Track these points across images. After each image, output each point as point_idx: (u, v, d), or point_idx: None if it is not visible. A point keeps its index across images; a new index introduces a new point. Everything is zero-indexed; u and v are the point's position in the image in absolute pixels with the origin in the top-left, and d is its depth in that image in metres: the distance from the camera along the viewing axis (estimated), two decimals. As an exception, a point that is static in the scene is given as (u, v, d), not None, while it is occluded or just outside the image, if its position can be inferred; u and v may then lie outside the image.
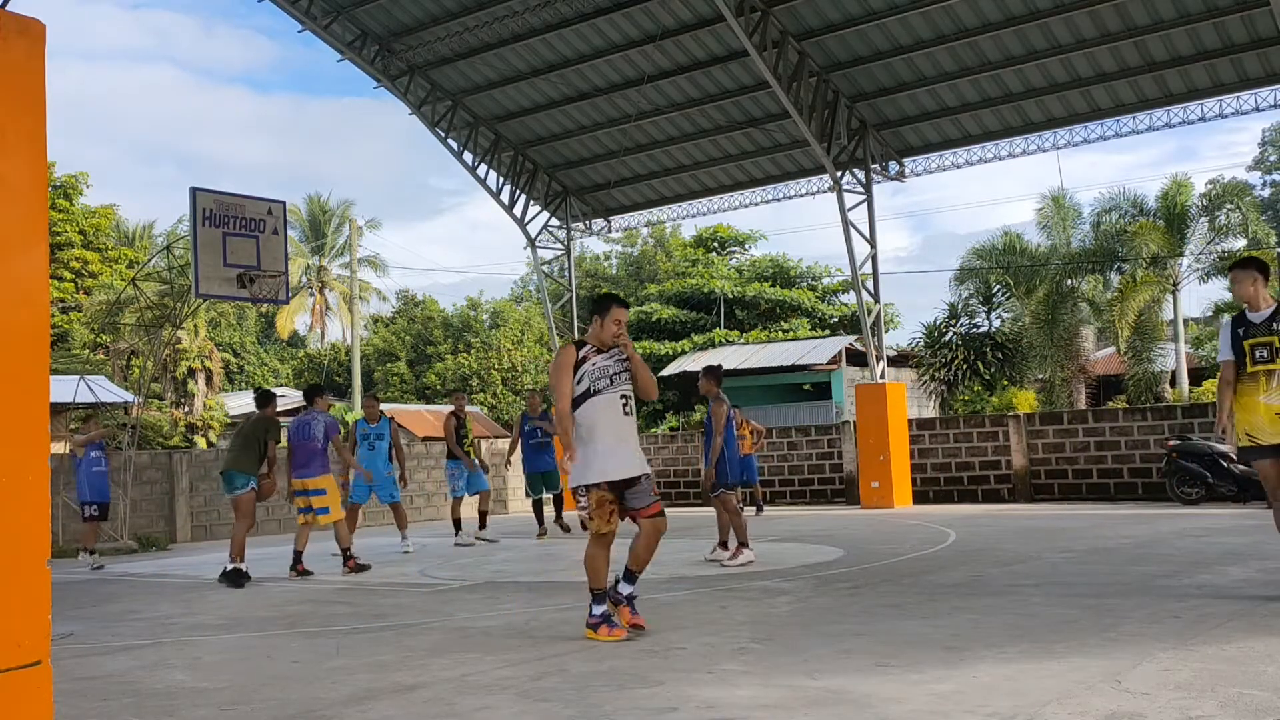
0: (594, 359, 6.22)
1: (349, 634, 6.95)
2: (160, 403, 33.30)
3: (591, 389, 6.17)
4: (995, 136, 19.44)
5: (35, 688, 2.55)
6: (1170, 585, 7.37)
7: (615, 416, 6.18)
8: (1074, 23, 16.86)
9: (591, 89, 20.66)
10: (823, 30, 17.97)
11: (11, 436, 2.55)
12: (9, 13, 2.67)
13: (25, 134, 2.64)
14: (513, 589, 9.00)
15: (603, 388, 6.17)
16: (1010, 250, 28.14)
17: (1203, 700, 4.17)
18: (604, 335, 6.25)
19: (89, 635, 7.42)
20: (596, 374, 6.18)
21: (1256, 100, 17.44)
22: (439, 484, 21.72)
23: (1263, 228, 28.90)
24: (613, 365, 6.23)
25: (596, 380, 6.18)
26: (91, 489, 13.70)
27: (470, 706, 4.67)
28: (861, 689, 4.64)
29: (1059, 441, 17.87)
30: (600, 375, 6.19)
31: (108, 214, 38.62)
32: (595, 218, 24.07)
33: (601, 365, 6.22)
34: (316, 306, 49.09)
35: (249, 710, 4.83)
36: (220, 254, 14.93)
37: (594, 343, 6.29)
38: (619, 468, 6.15)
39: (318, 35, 20.05)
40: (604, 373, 6.20)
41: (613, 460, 6.12)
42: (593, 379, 6.17)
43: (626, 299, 6.68)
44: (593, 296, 6.73)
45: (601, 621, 6.17)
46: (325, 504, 10.76)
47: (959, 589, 7.69)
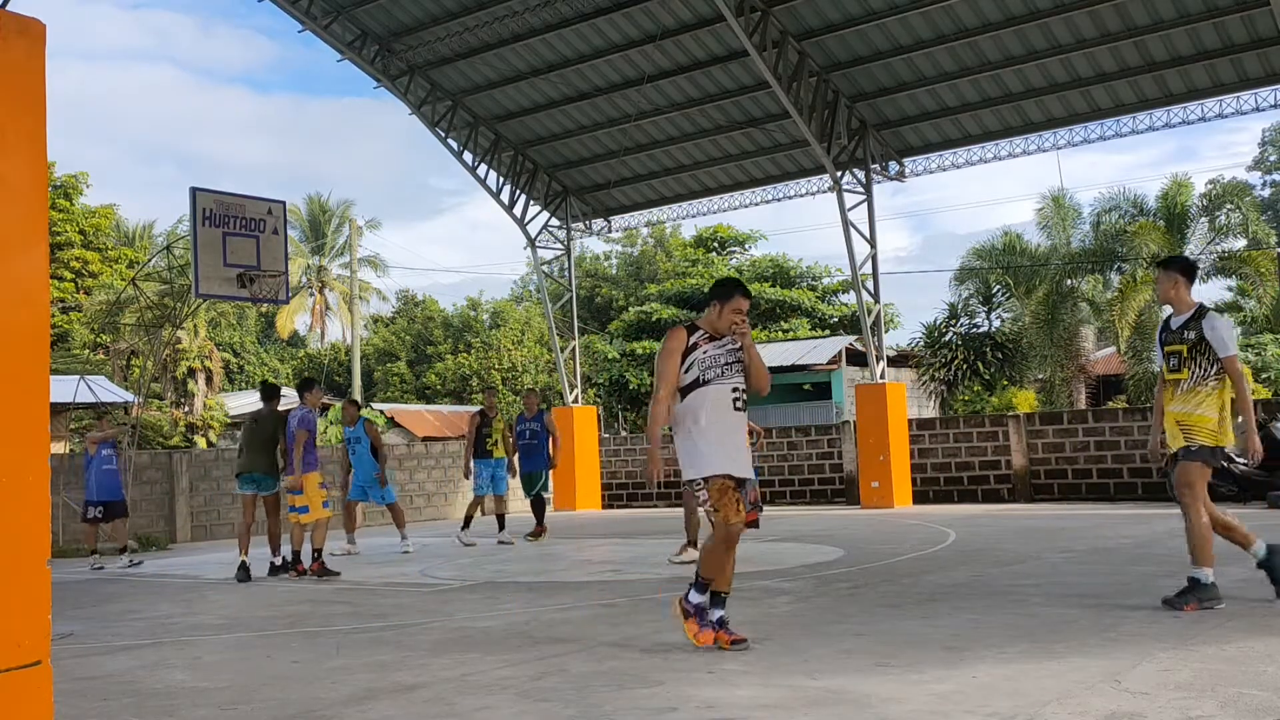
0: (705, 347, 5.80)
1: (349, 634, 6.95)
2: (160, 403, 33.31)
3: (701, 378, 5.76)
4: (995, 136, 19.44)
5: (35, 688, 2.55)
6: (1170, 585, 7.36)
7: (725, 410, 5.77)
8: (1074, 23, 16.85)
9: (591, 89, 20.66)
10: (823, 30, 17.97)
11: (11, 436, 2.55)
12: (9, 13, 2.67)
13: (25, 134, 2.64)
14: (513, 589, 9.00)
15: (713, 378, 5.76)
16: (1010, 250, 28.14)
17: (1203, 700, 4.17)
18: (721, 323, 5.82)
19: (89, 635, 7.42)
20: (708, 363, 5.78)
21: (1256, 100, 17.43)
22: (439, 484, 21.74)
23: (1263, 228, 28.89)
24: (724, 355, 5.81)
25: (707, 370, 5.77)
26: (100, 488, 13.61)
27: (470, 706, 4.67)
28: (861, 689, 4.64)
29: (1059, 441, 17.86)
30: (711, 365, 5.78)
31: (108, 214, 38.63)
32: (595, 218, 24.07)
33: (713, 354, 5.80)
34: (316, 306, 49.10)
35: (249, 710, 4.83)
36: (220, 254, 14.92)
37: (707, 329, 5.86)
38: (733, 464, 5.72)
39: (318, 35, 20.05)
40: (715, 362, 5.79)
41: (725, 454, 5.70)
42: (703, 368, 5.77)
43: (748, 287, 6.09)
44: (715, 280, 6.66)
45: (695, 613, 5.75)
46: (303, 503, 10.68)
47: (959, 589, 7.69)
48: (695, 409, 5.74)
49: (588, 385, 33.69)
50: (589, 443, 22.75)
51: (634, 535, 14.58)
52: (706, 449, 5.68)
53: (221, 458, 19.19)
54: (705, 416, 5.71)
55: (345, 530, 13.71)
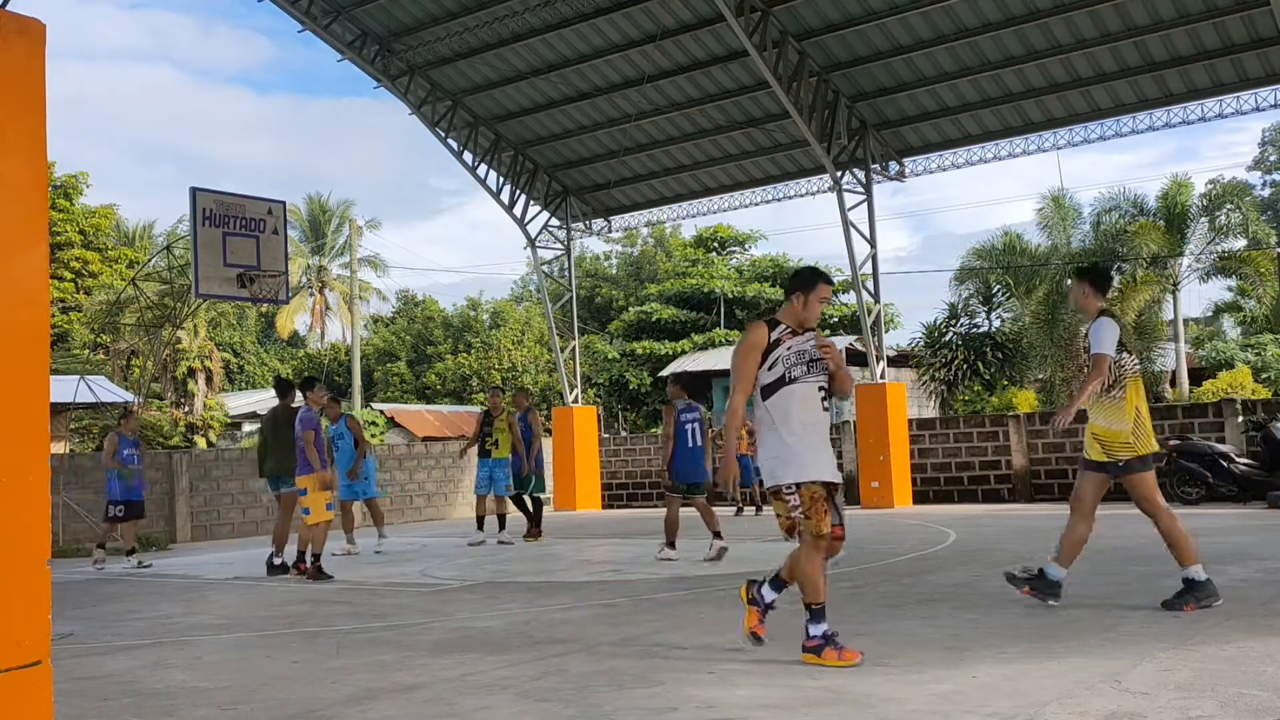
0: (790, 341, 5.35)
1: (349, 634, 6.95)
2: (160, 403, 33.31)
3: (787, 376, 5.30)
4: (995, 136, 19.44)
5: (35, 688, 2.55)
6: (1170, 585, 7.36)
7: (814, 409, 5.33)
8: (1074, 23, 16.85)
9: (591, 89, 20.66)
10: (823, 30, 17.97)
11: (11, 436, 2.55)
12: (9, 13, 2.67)
13: (25, 134, 2.64)
14: (513, 589, 9.00)
15: (800, 375, 5.30)
16: (1010, 250, 28.13)
17: (1203, 700, 4.17)
18: (806, 315, 5.41)
19: (89, 635, 7.42)
20: (793, 359, 5.31)
21: (1256, 100, 17.43)
22: (439, 484, 21.75)
23: (1263, 228, 28.90)
24: (810, 350, 5.37)
25: (794, 366, 5.31)
26: (122, 487, 13.45)
27: (470, 706, 4.67)
28: (861, 689, 4.64)
29: (1059, 441, 17.86)
30: (798, 361, 5.31)
31: (108, 214, 38.63)
32: (595, 218, 24.07)
33: (799, 349, 5.35)
34: (316, 306, 49.10)
35: (249, 710, 4.83)
36: (220, 254, 14.93)
37: (789, 323, 5.41)
38: (825, 469, 5.29)
39: (318, 35, 20.05)
40: (801, 358, 5.33)
41: (817, 458, 5.27)
42: (788, 364, 5.30)
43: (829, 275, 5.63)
44: (795, 271, 5.78)
45: (825, 644, 5.21)
46: (305, 504, 10.62)
47: (959, 589, 7.69)
48: (785, 408, 5.29)
49: (588, 385, 33.69)
50: (589, 443, 22.74)
51: (634, 535, 14.58)
52: (800, 452, 5.25)
53: (221, 458, 19.19)
54: (797, 416, 5.28)
55: (344, 530, 13.70)
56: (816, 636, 5.24)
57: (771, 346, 5.33)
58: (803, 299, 5.43)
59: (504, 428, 13.83)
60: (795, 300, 5.45)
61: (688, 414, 10.91)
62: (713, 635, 6.17)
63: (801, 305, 5.43)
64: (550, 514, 21.13)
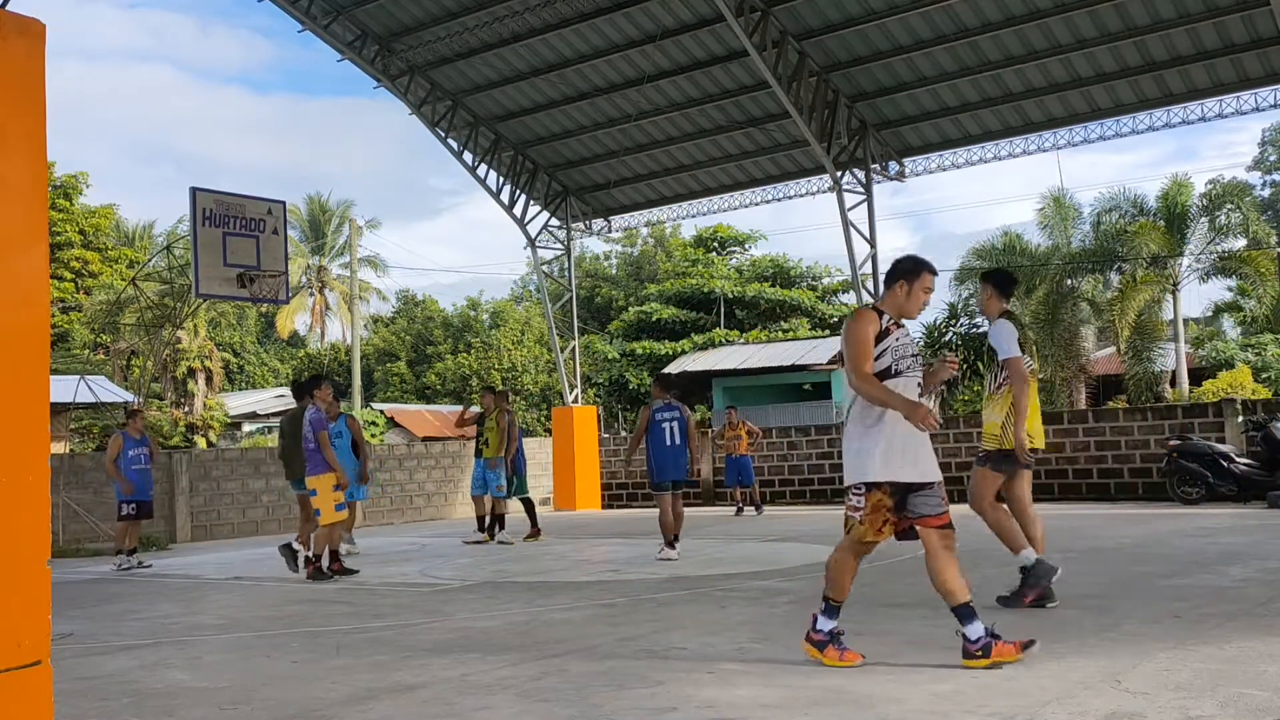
0: (896, 333, 5.18)
1: (349, 634, 6.95)
2: (160, 403, 33.32)
3: (894, 368, 5.10)
4: (995, 136, 19.44)
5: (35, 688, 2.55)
6: (1170, 585, 7.37)
7: None
8: (1074, 23, 16.86)
9: (591, 89, 20.66)
10: (823, 30, 17.97)
11: (11, 436, 2.55)
12: (9, 13, 2.67)
13: (25, 134, 2.64)
14: (513, 589, 9.00)
15: (904, 369, 5.13)
16: (1010, 250, 28.14)
17: (1203, 700, 4.17)
18: (909, 305, 5.23)
19: (89, 635, 7.41)
20: (900, 351, 5.14)
21: (1256, 100, 17.44)
22: (439, 484, 21.75)
23: (1263, 228, 28.90)
24: (911, 345, 5.23)
25: (900, 359, 5.13)
26: (132, 486, 13.43)
27: (470, 706, 4.67)
28: (861, 689, 4.64)
29: (1059, 441, 17.85)
30: (903, 354, 5.14)
31: (108, 214, 38.64)
32: (595, 218, 24.07)
33: (904, 342, 5.18)
34: (316, 306, 49.12)
35: (249, 710, 4.83)
36: (220, 254, 14.92)
37: (893, 314, 5.23)
38: (913, 470, 5.08)
39: (318, 35, 20.05)
40: (905, 351, 5.16)
41: (905, 458, 5.07)
42: (896, 356, 5.11)
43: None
44: (897, 259, 5.43)
45: (829, 640, 5.17)
46: (316, 505, 10.61)
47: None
48: None
49: (588, 385, 33.69)
50: (589, 443, 22.74)
51: (634, 535, 14.57)
52: (885, 454, 5.04)
53: (221, 458, 19.19)
54: (893, 411, 5.04)
55: (344, 529, 13.65)
56: (822, 632, 5.19)
57: (882, 335, 5.13)
58: (906, 288, 5.24)
59: (494, 427, 13.91)
60: (899, 289, 5.25)
61: (665, 413, 11.10)
62: (713, 635, 6.17)
63: (905, 294, 5.24)
64: (550, 514, 21.13)
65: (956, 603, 5.01)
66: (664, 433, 10.99)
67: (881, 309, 5.25)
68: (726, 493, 20.03)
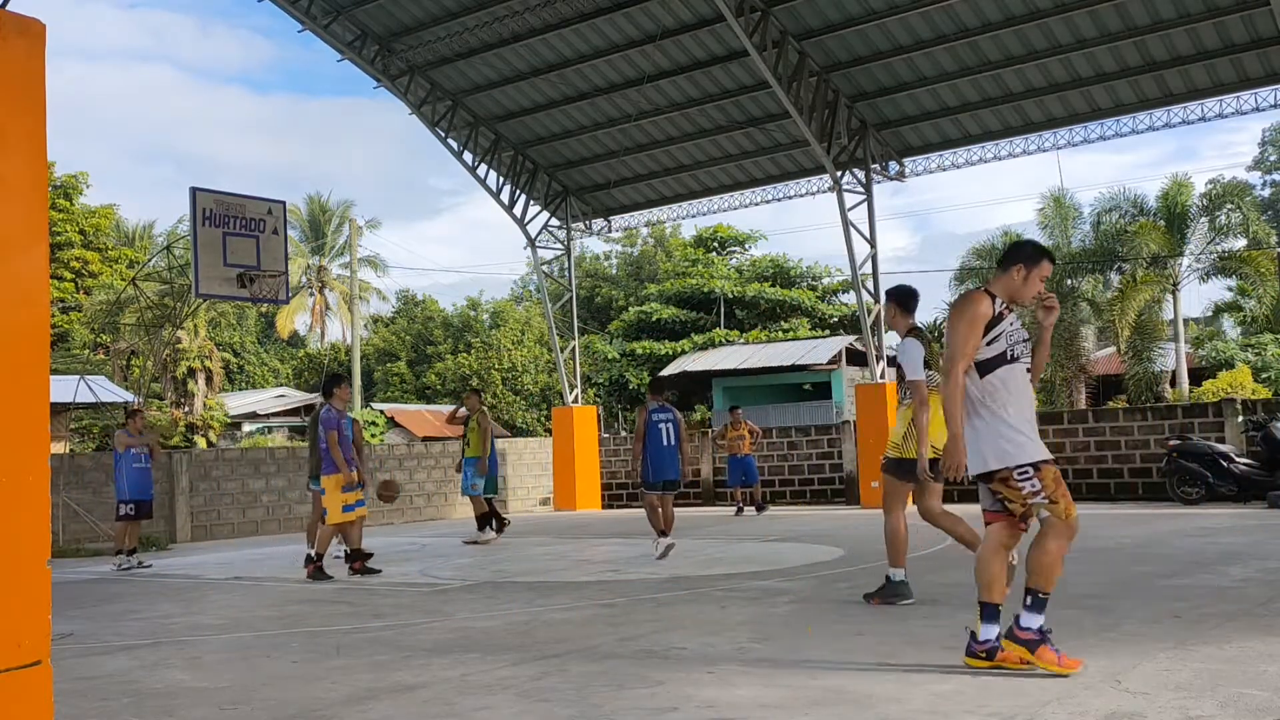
0: (1010, 317, 5.09)
1: (349, 634, 6.95)
2: (160, 403, 33.32)
3: (1009, 353, 5.02)
4: (995, 136, 19.43)
5: (35, 688, 2.55)
6: (1170, 585, 7.37)
7: (1029, 390, 5.10)
8: (1074, 23, 16.85)
9: (591, 89, 20.66)
10: (823, 30, 17.97)
11: (11, 436, 2.55)
12: (9, 13, 2.66)
13: (25, 134, 2.64)
14: (513, 589, 9.00)
15: (1019, 354, 5.06)
16: (1010, 250, 28.12)
17: (1203, 700, 4.17)
18: (1024, 291, 5.09)
19: (89, 635, 7.42)
20: (1014, 336, 5.06)
21: (1256, 100, 17.43)
22: (439, 484, 21.76)
23: (1263, 228, 28.91)
24: (1022, 330, 5.14)
25: (1014, 344, 5.05)
26: (131, 486, 13.30)
27: (470, 706, 4.67)
28: (861, 689, 4.64)
29: (1059, 441, 17.86)
30: (1017, 339, 5.07)
31: (108, 214, 38.64)
32: (595, 218, 24.07)
33: (1016, 326, 5.09)
34: (316, 306, 49.12)
35: (249, 710, 4.83)
36: (220, 254, 14.92)
37: (1004, 298, 5.10)
38: (1045, 450, 5.03)
39: (318, 35, 20.05)
40: (1018, 335, 5.08)
41: (1038, 440, 5.03)
42: (1010, 342, 5.03)
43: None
44: (1011, 245, 5.51)
45: (1042, 640, 4.81)
46: (325, 504, 10.62)
47: (959, 589, 7.68)
48: (1007, 385, 4.99)
49: (588, 385, 33.69)
50: (589, 443, 22.74)
51: (634, 535, 14.58)
52: (1025, 433, 4.95)
53: (221, 458, 19.19)
54: (1018, 398, 4.99)
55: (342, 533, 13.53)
56: (1031, 630, 4.83)
57: (995, 320, 5.02)
58: (1024, 273, 5.09)
59: (474, 427, 14.17)
60: (1015, 273, 5.10)
61: (660, 414, 11.21)
62: (713, 635, 6.17)
63: (1021, 280, 5.09)
64: (550, 514, 21.14)
65: (1042, 589, 4.88)
66: (660, 434, 11.11)
67: (993, 292, 5.11)
68: (726, 493, 20.03)
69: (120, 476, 13.40)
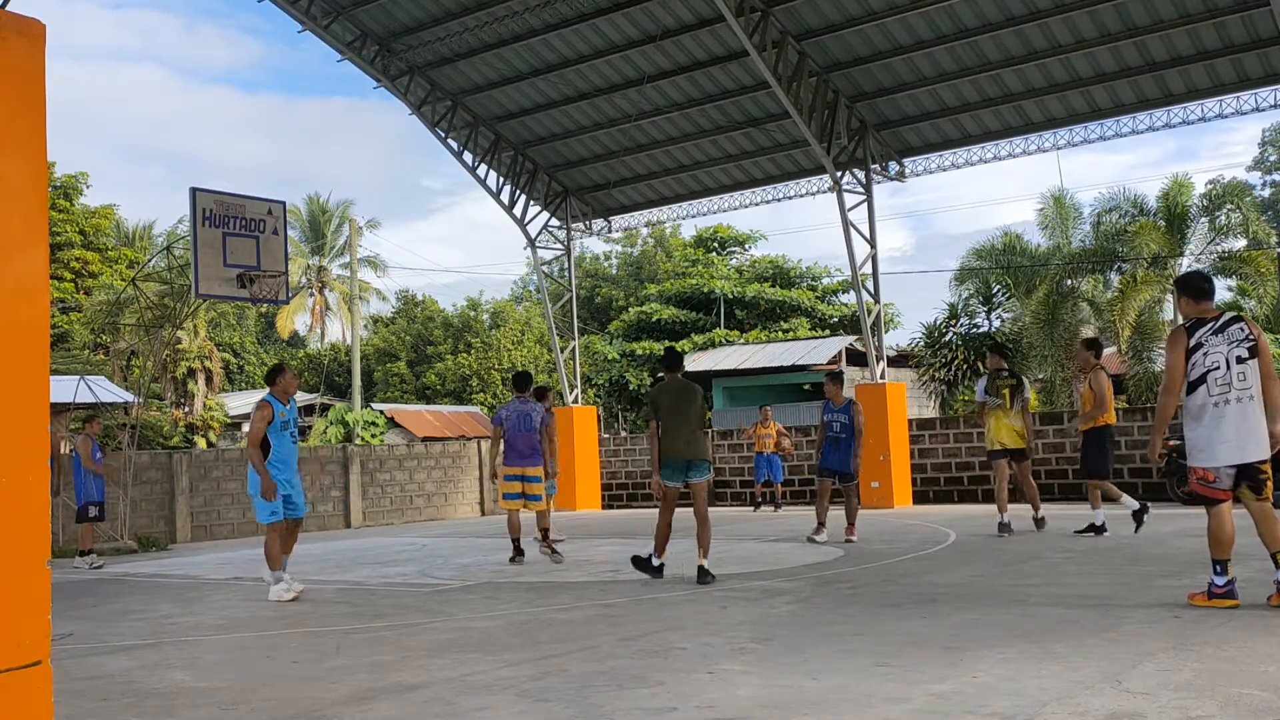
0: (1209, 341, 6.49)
1: (349, 634, 6.95)
2: (160, 403, 33.32)
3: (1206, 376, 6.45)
4: (995, 136, 19.43)
5: (35, 688, 2.54)
6: (1170, 585, 7.37)
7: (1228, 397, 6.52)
8: (1074, 23, 16.85)
9: (591, 89, 20.66)
10: (823, 30, 17.97)
11: (11, 436, 2.55)
12: (9, 13, 2.66)
13: (25, 134, 2.64)
14: (513, 589, 8.99)
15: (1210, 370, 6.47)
16: (1010, 250, 28.13)
17: (1203, 700, 4.17)
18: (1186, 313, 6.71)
19: (89, 635, 7.41)
20: (1215, 350, 6.46)
21: (1256, 100, 17.43)
22: (439, 484, 21.76)
23: (1263, 228, 28.91)
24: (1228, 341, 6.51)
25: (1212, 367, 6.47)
26: (99, 489, 13.78)
27: (470, 706, 4.67)
28: (861, 689, 4.64)
29: (1059, 441, 17.85)
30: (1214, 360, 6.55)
31: (108, 214, 38.63)
32: (595, 218, 24.07)
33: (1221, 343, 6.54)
34: (316, 306, 49.11)
35: (249, 710, 4.83)
36: (220, 254, 14.91)
37: None
38: (1233, 452, 6.46)
39: (318, 35, 20.05)
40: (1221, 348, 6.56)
41: (1225, 444, 6.49)
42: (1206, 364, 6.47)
43: None
44: None
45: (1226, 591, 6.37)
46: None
47: (959, 589, 7.69)
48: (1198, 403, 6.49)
49: (587, 385, 33.68)
50: (589, 443, 22.75)
51: (634, 535, 14.57)
52: (1211, 439, 6.44)
53: (221, 458, 19.19)
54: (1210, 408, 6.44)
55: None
56: (1219, 586, 6.40)
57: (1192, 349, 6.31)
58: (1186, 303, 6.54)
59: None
60: (1183, 303, 6.53)
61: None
62: (713, 635, 6.16)
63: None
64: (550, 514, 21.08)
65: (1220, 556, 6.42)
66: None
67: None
68: (725, 492, 20.06)
69: (86, 479, 13.63)
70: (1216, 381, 6.26)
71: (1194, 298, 6.53)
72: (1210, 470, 6.34)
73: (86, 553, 13.55)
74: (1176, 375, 6.35)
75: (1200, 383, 6.31)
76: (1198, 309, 6.47)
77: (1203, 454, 6.37)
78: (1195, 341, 6.31)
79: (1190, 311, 6.52)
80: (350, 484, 20.23)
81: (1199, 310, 6.48)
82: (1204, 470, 6.37)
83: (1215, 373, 6.26)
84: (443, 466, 21.78)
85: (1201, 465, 6.39)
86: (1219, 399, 6.25)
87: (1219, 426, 6.27)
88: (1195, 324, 6.36)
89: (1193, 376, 6.31)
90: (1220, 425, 6.25)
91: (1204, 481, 6.40)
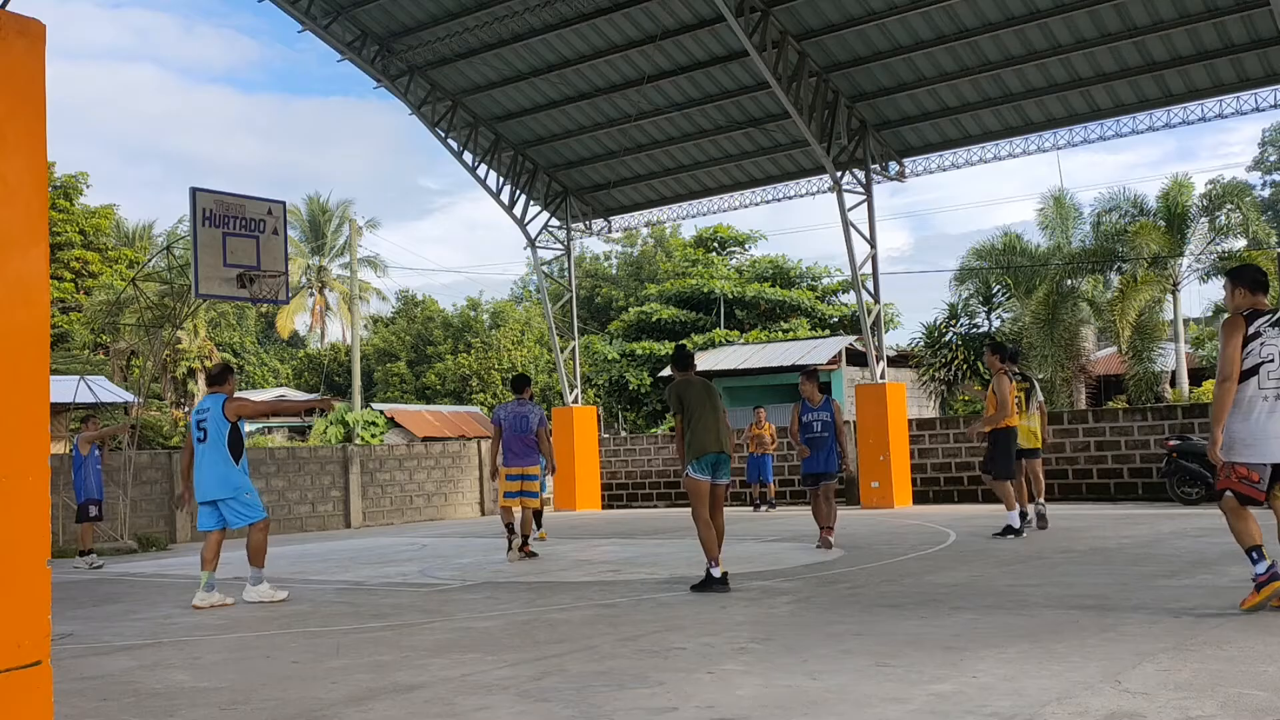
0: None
1: (349, 634, 6.95)
2: (160, 403, 33.32)
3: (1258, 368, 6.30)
4: (995, 136, 19.43)
5: (35, 688, 2.55)
6: (1170, 585, 7.37)
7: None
8: (1074, 23, 16.86)
9: (591, 89, 20.66)
10: (823, 30, 17.97)
11: (11, 436, 2.55)
12: (9, 13, 2.67)
13: (25, 134, 2.64)
14: (513, 589, 8.99)
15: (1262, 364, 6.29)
16: (1010, 250, 28.14)
17: (1203, 700, 4.17)
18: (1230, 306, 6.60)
19: (89, 635, 7.41)
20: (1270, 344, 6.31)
21: (1256, 100, 17.43)
22: (439, 484, 21.76)
23: (1263, 228, 28.91)
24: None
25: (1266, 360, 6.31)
26: (99, 487, 13.82)
27: (470, 706, 4.67)
28: (861, 689, 4.64)
29: (1059, 441, 17.85)
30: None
31: (108, 214, 38.65)
32: (595, 218, 24.07)
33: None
34: (316, 306, 49.13)
35: (249, 710, 4.83)
36: (220, 254, 14.90)
37: None
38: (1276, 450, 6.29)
39: (318, 35, 20.04)
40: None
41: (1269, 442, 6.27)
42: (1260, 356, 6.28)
43: None
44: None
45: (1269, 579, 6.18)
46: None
47: (959, 589, 7.69)
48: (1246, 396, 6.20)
49: (587, 385, 33.68)
50: (589, 443, 22.74)
51: (634, 535, 14.58)
52: (1253, 435, 6.15)
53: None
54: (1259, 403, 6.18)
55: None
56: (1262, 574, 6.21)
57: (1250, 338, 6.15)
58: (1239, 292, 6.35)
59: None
60: (1238, 295, 6.35)
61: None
62: (713, 635, 6.16)
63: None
64: (550, 514, 21.10)
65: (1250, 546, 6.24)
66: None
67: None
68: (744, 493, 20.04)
69: (87, 477, 13.66)
70: (1270, 375, 6.07)
71: (1250, 289, 6.40)
72: (1255, 469, 6.04)
73: (86, 552, 13.56)
74: (1235, 362, 6.10)
75: (1252, 373, 6.08)
76: (1253, 300, 6.32)
77: (1249, 449, 6.05)
78: (1254, 330, 6.12)
79: (1245, 303, 6.35)
80: (350, 484, 20.24)
81: (1254, 302, 6.32)
82: (1248, 469, 6.05)
83: (1269, 365, 6.07)
84: (443, 466, 21.78)
85: (1246, 462, 6.05)
86: (1270, 393, 6.07)
87: (1270, 421, 6.03)
88: (1252, 314, 6.20)
89: (1245, 365, 6.09)
90: (1272, 420, 6.03)
91: (1247, 481, 6.06)
